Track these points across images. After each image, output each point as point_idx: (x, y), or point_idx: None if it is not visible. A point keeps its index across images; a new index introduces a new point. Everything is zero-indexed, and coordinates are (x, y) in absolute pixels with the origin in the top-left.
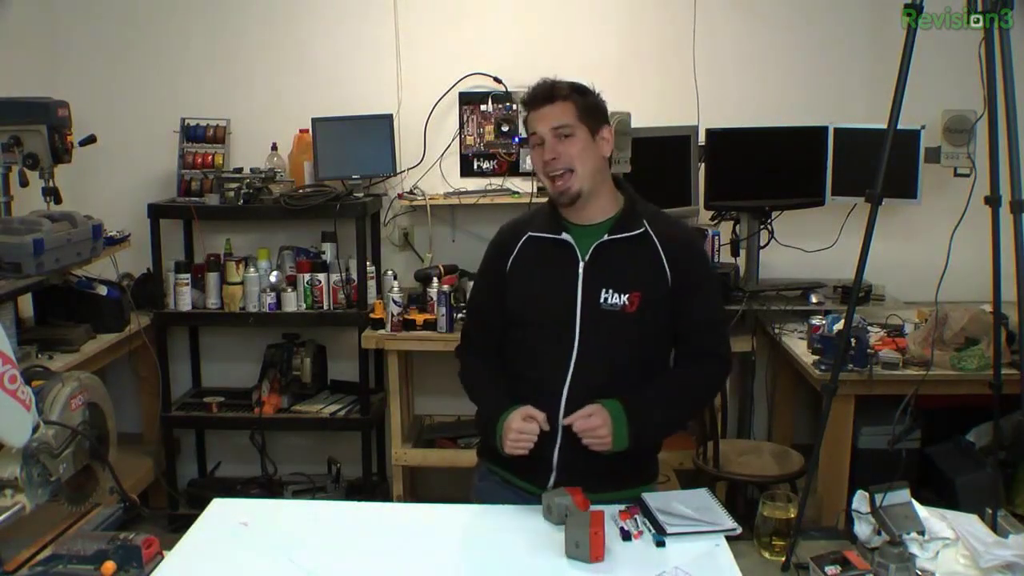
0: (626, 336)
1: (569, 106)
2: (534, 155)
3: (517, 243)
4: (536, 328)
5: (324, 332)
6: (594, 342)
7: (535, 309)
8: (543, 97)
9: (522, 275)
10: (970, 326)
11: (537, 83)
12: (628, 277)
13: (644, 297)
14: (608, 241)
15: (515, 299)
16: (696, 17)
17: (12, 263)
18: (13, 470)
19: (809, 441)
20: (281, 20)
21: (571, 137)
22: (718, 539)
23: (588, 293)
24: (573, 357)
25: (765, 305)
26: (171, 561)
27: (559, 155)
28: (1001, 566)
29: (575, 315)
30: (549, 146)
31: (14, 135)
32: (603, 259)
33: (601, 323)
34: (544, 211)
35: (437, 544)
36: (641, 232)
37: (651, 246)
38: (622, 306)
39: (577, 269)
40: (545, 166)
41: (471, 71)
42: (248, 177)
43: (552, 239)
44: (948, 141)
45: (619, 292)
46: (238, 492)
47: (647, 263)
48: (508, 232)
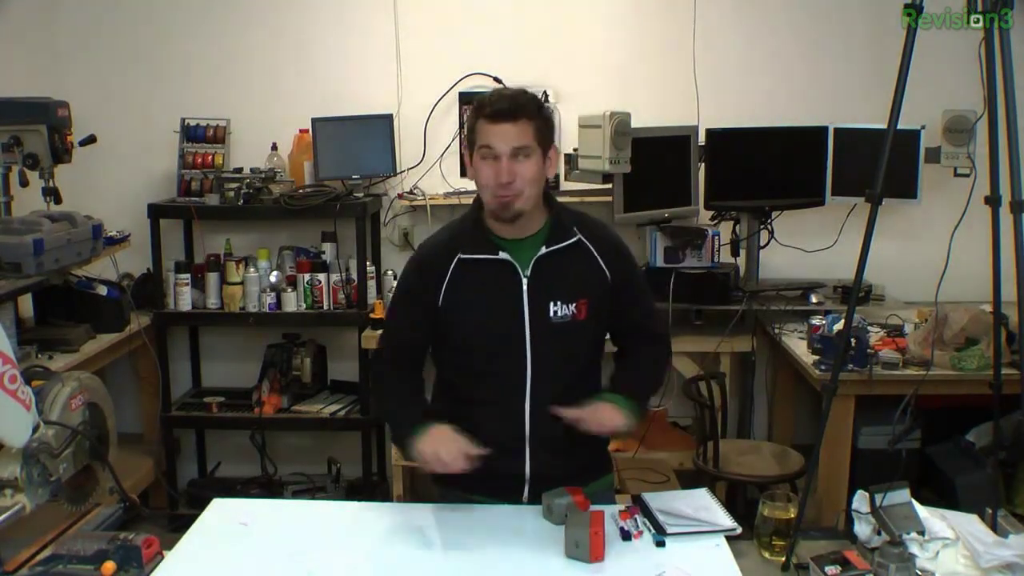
0: (577, 344)
1: (529, 127)
2: (483, 167)
3: (448, 268)
4: (486, 353)
5: (324, 332)
6: (547, 356)
7: (483, 335)
8: (507, 113)
9: (461, 303)
10: (970, 326)
11: (498, 93)
12: (573, 286)
13: (591, 303)
14: (546, 253)
15: (459, 328)
16: (696, 17)
17: (12, 263)
18: (13, 470)
19: (809, 441)
20: (281, 20)
21: (528, 159)
22: (718, 539)
23: (535, 308)
24: (528, 374)
25: (765, 305)
26: (171, 561)
27: (515, 177)
28: (1001, 566)
29: (524, 333)
30: (506, 167)
31: (14, 135)
32: (545, 272)
33: (552, 336)
34: (467, 229)
35: (437, 544)
36: (575, 240)
37: (586, 251)
38: (572, 315)
39: (521, 286)
40: (497, 186)
41: (471, 71)
42: (248, 177)
43: (488, 259)
44: (948, 141)
45: (567, 303)
46: (238, 492)
47: (587, 269)
48: (432, 255)
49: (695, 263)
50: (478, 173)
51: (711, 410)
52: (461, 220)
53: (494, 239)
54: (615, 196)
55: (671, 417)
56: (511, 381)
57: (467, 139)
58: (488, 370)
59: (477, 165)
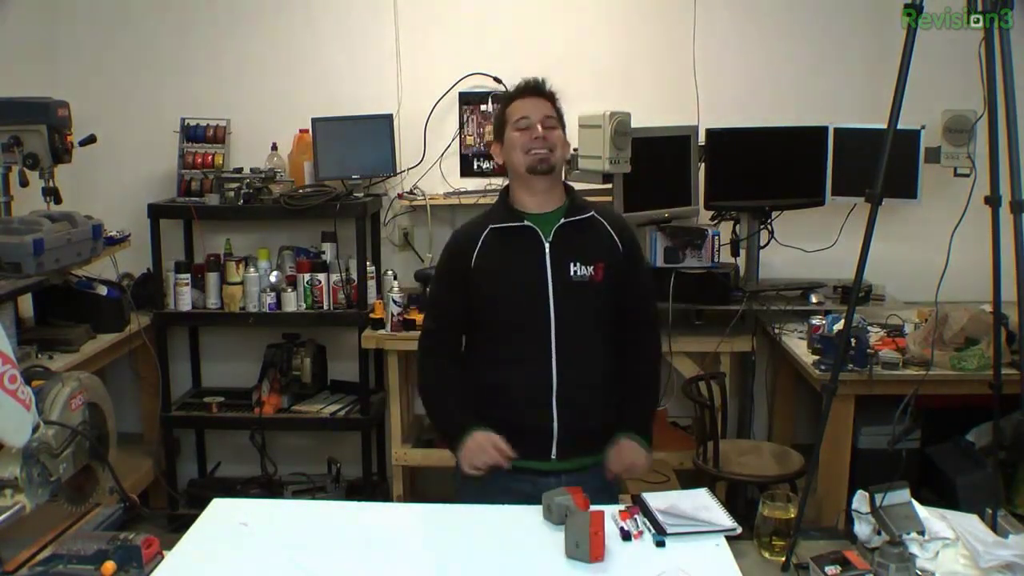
0: (595, 303)
1: (552, 106)
2: (517, 136)
3: (479, 238)
4: (513, 309)
5: (324, 332)
6: (569, 311)
7: (510, 291)
8: (534, 89)
9: (491, 264)
10: (970, 326)
11: (525, 78)
12: (591, 251)
13: (607, 266)
14: (566, 223)
15: (489, 286)
16: (696, 17)
17: (12, 263)
18: (13, 470)
19: (809, 441)
20: (281, 20)
21: (555, 129)
22: (718, 539)
23: (557, 269)
24: (552, 330)
25: (765, 305)
26: (171, 561)
27: (548, 138)
28: (1001, 566)
29: (547, 290)
30: (538, 129)
31: (14, 135)
32: (565, 238)
33: (572, 294)
34: (499, 206)
35: (437, 544)
36: (590, 216)
37: (600, 226)
38: (590, 276)
39: (543, 249)
40: (533, 143)
41: (471, 71)
42: (248, 177)
43: (514, 227)
44: (948, 141)
45: (585, 264)
46: (238, 492)
47: (602, 238)
48: (466, 232)
49: (695, 263)
50: (513, 144)
51: (711, 410)
52: (492, 205)
53: (520, 212)
54: (615, 196)
55: (671, 417)
56: (537, 338)
57: (497, 129)
58: (515, 326)
59: (511, 137)
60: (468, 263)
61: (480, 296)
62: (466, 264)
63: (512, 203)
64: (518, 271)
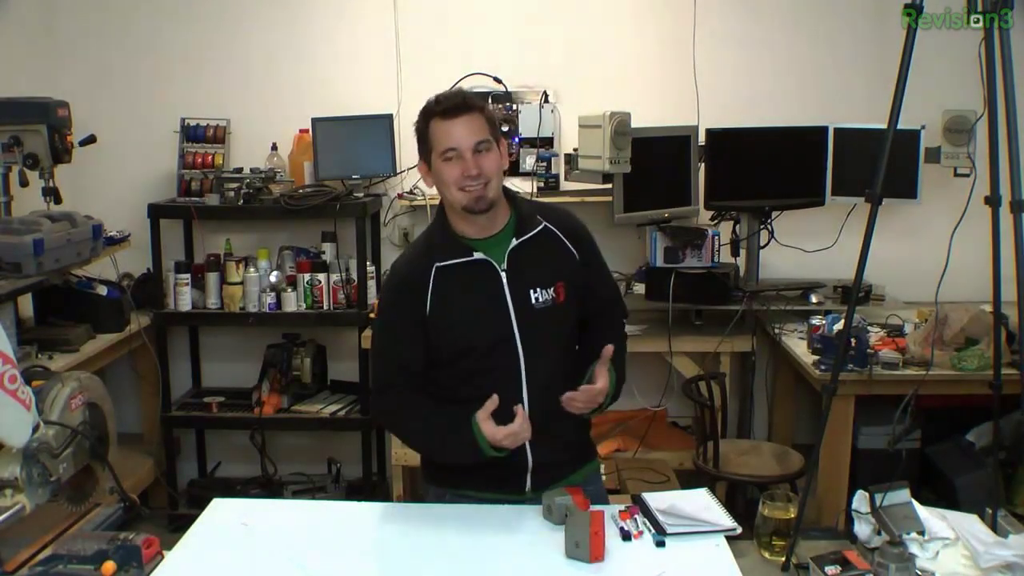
0: (561, 326)
1: (481, 119)
2: (446, 169)
3: (428, 280)
4: (479, 351)
5: (324, 332)
6: (536, 342)
7: (474, 334)
8: (460, 108)
9: (446, 309)
10: (970, 326)
11: (445, 93)
12: (548, 271)
13: (567, 285)
14: (518, 245)
15: (449, 334)
16: (696, 17)
17: (12, 263)
18: (13, 470)
19: (809, 441)
20: (281, 20)
21: (489, 152)
22: (718, 539)
23: (518, 299)
24: (522, 364)
25: (765, 305)
26: (171, 561)
27: (481, 170)
28: (1001, 566)
29: (511, 326)
30: (470, 161)
31: (14, 135)
32: (520, 263)
33: (537, 323)
34: (437, 238)
35: (437, 544)
36: (542, 228)
37: (554, 236)
38: (552, 300)
39: (500, 281)
40: (465, 180)
41: (471, 71)
42: (248, 177)
43: (464, 263)
44: (948, 141)
45: (545, 288)
46: (238, 492)
47: (558, 253)
48: (409, 271)
49: (695, 263)
50: (442, 175)
51: (711, 410)
52: (428, 232)
53: (466, 242)
54: (615, 196)
55: (671, 417)
56: (506, 374)
57: (421, 147)
58: (483, 367)
59: (440, 168)
60: (422, 310)
61: (441, 344)
62: (419, 310)
63: (453, 229)
64: (479, 311)
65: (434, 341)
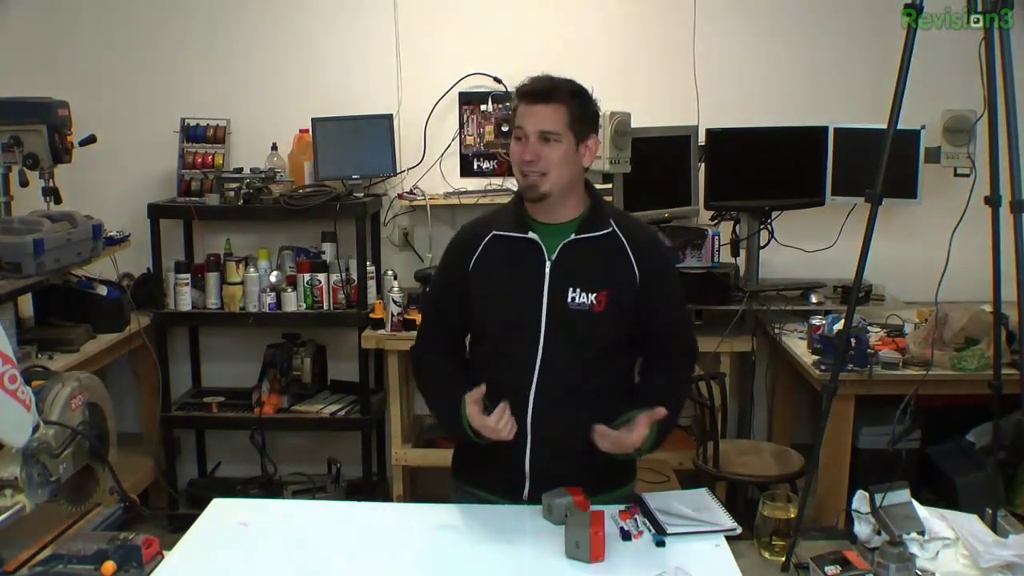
0: (592, 335)
1: (562, 111)
2: (514, 146)
3: (481, 242)
4: (499, 329)
5: (324, 332)
6: (559, 343)
7: (499, 309)
8: (540, 95)
9: (486, 275)
10: (970, 326)
11: (537, 77)
12: (596, 276)
13: (612, 296)
14: (575, 240)
15: (479, 299)
16: (696, 17)
17: (12, 263)
18: (13, 470)
19: (809, 441)
20: (281, 20)
21: (556, 143)
22: (718, 539)
23: (555, 293)
24: (538, 359)
25: (765, 305)
26: (171, 561)
27: (538, 158)
28: (1001, 566)
29: (540, 316)
30: (531, 146)
31: (14, 135)
32: (570, 258)
33: (567, 323)
34: (509, 210)
35: (437, 544)
36: (608, 232)
37: (618, 245)
38: (590, 305)
39: (544, 268)
40: (522, 164)
41: (471, 71)
42: (248, 177)
43: (518, 238)
44: (948, 141)
45: (586, 291)
46: (238, 492)
47: (615, 262)
48: (470, 231)
49: (695, 263)
50: (511, 154)
51: (711, 410)
52: (505, 204)
53: (529, 221)
54: (615, 196)
55: None
56: (520, 366)
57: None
58: (500, 350)
59: (511, 146)
60: (466, 267)
61: (472, 308)
62: (464, 267)
63: (525, 207)
64: (512, 289)
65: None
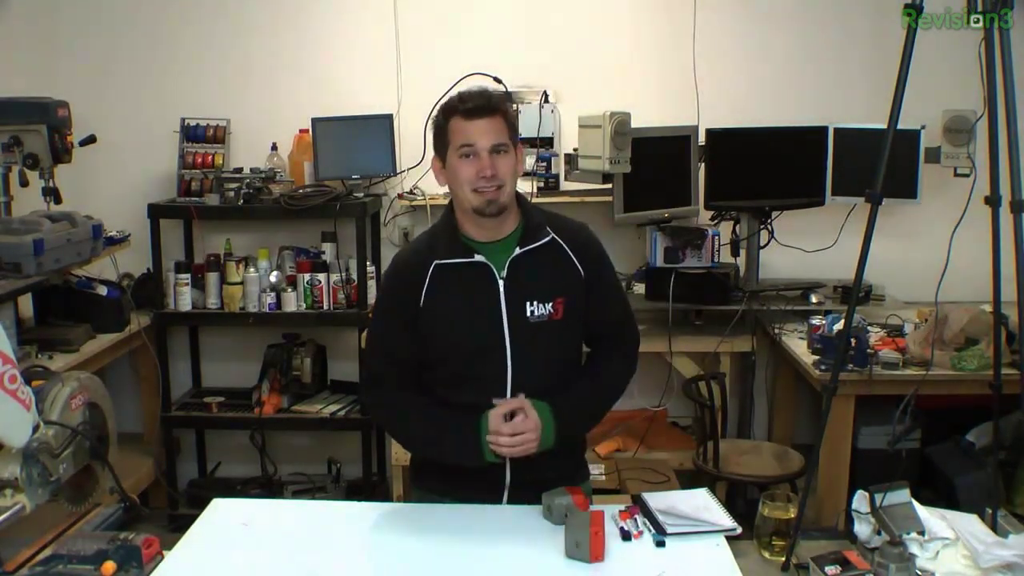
0: (555, 343)
1: (502, 121)
2: (462, 167)
3: (426, 273)
4: (467, 356)
5: (324, 332)
6: (526, 357)
7: (461, 336)
8: (485, 109)
9: (440, 306)
10: (970, 326)
11: (469, 92)
12: (548, 285)
13: (567, 302)
14: (521, 254)
15: (439, 333)
16: (696, 17)
17: (12, 263)
18: (13, 470)
19: (809, 441)
20: (281, 20)
21: (506, 154)
22: (718, 539)
23: (513, 309)
24: (508, 376)
25: (765, 305)
26: (171, 561)
27: (496, 171)
28: (1001, 566)
29: (503, 335)
30: (486, 161)
31: (14, 135)
32: (520, 272)
33: (530, 337)
34: (441, 236)
35: (437, 544)
36: (548, 240)
37: (560, 250)
38: (549, 315)
39: (497, 288)
40: (479, 180)
41: (471, 71)
42: (248, 177)
43: (464, 263)
44: (948, 141)
45: (542, 302)
46: (238, 492)
47: (562, 267)
48: (408, 263)
49: (695, 263)
50: (457, 173)
51: (711, 410)
52: (433, 229)
53: (468, 243)
54: (615, 196)
55: (671, 417)
56: (492, 385)
57: (437, 143)
58: (469, 374)
59: (455, 165)
60: (416, 303)
61: (429, 343)
62: (414, 303)
63: (459, 229)
64: (471, 315)
65: (423, 339)
